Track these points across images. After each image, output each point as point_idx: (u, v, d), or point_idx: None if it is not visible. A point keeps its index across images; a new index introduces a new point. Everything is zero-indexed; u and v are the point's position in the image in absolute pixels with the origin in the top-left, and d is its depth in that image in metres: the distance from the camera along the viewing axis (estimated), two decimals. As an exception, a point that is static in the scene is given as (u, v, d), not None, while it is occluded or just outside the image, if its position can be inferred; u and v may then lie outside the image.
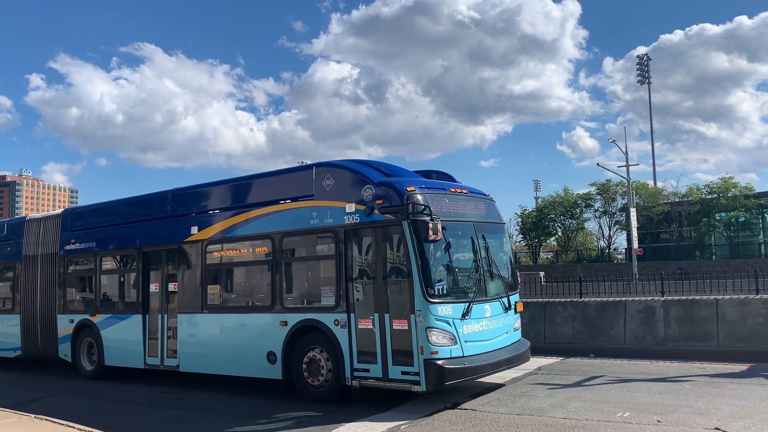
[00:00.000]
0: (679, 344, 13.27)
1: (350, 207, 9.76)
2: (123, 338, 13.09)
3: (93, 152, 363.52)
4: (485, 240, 10.09)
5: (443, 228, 9.02)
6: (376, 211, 9.43)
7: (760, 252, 48.79)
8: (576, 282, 15.88)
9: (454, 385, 9.04)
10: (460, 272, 9.81)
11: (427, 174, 11.21)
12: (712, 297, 13.46)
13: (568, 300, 15.10)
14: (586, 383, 10.75)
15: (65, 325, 14.25)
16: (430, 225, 8.79)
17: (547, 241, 60.59)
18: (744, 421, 7.94)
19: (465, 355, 9.13)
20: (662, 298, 14.05)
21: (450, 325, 9.02)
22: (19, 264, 15.57)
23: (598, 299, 14.87)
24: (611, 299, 14.71)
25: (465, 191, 10.45)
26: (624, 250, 53.93)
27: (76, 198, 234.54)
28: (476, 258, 9.90)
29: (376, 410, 9.22)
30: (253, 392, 11.18)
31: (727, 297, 13.30)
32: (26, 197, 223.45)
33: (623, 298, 14.62)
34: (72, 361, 14.10)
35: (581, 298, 15.25)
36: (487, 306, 9.74)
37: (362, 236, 9.68)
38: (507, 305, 10.21)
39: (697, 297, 13.74)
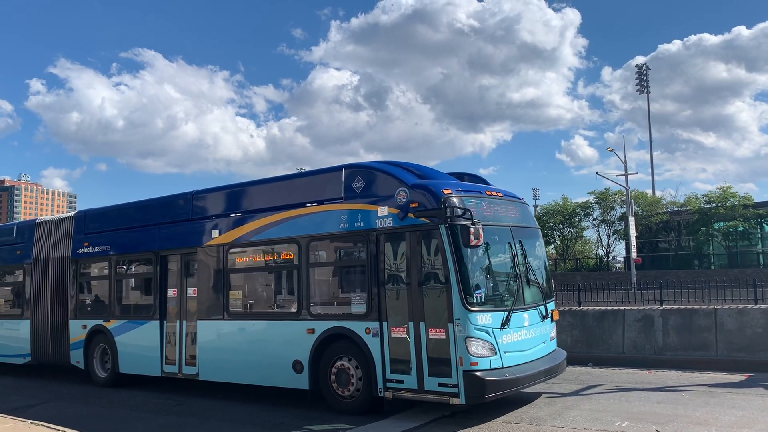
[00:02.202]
0: (678, 354, 13.26)
1: (382, 210, 9.43)
2: (139, 345, 12.74)
3: (93, 157, 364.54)
4: (522, 245, 9.76)
5: None
6: (410, 215, 9.09)
7: (758, 262, 48.78)
8: (575, 290, 15.87)
9: (494, 398, 8.69)
10: (498, 279, 9.47)
11: (459, 176, 10.90)
12: (711, 306, 13.45)
13: (567, 308, 15.08)
14: (585, 392, 10.73)
15: (78, 330, 13.93)
16: (472, 229, 8.47)
17: (546, 250, 60.62)
18: (743, 431, 7.93)
19: (504, 366, 8.74)
20: (661, 307, 14.04)
21: (489, 334, 8.65)
22: (28, 268, 15.31)
23: (597, 308, 14.85)
24: (610, 308, 14.69)
25: (500, 194, 10.10)
26: (622, 259, 53.91)
27: (75, 203, 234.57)
28: (514, 264, 9.54)
29: (372, 419, 9.17)
30: (252, 400, 11.14)
31: (726, 307, 13.29)
32: (25, 202, 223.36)
33: (622, 307, 14.61)
34: (84, 368, 13.79)
35: (580, 306, 15.25)
36: (525, 314, 9.39)
37: (396, 241, 9.31)
38: (544, 313, 9.87)
39: (696, 306, 13.73)
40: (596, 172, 56.84)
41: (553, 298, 10.69)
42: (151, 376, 12.60)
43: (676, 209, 51.80)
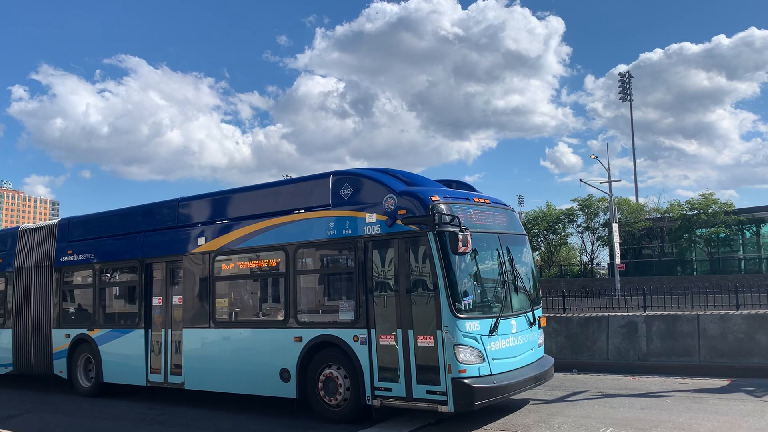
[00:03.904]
0: (661, 359, 13.37)
1: (370, 217, 9.38)
2: (123, 354, 12.57)
3: (76, 164, 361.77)
4: (509, 252, 9.78)
5: None
6: (398, 222, 9.05)
7: (740, 268, 49.40)
8: (559, 297, 15.95)
9: (483, 406, 8.65)
10: (486, 286, 9.45)
11: (446, 183, 10.91)
12: (694, 312, 13.58)
13: (552, 315, 15.15)
14: (570, 399, 10.78)
15: (61, 339, 13.75)
16: (460, 236, 8.43)
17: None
18: (725, 437, 8.01)
19: (493, 373, 8.72)
20: (644, 314, 14.15)
21: (478, 341, 8.63)
22: (10, 276, 15.11)
23: (581, 314, 14.94)
24: (594, 314, 14.78)
25: (488, 201, 10.12)
26: (606, 265, 54.45)
27: (57, 210, 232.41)
28: (501, 271, 9.53)
29: (358, 427, 9.13)
30: (236, 409, 11.08)
31: (708, 312, 13.42)
32: (6, 209, 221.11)
33: (606, 314, 14.70)
34: (68, 378, 13.59)
35: (564, 313, 15.32)
36: (513, 321, 9.35)
37: (384, 248, 9.26)
38: (532, 320, 9.83)
39: (679, 312, 13.85)
40: (580, 179, 57.52)
41: (541, 304, 10.72)
42: (136, 385, 12.45)
43: (659, 216, 52.38)
